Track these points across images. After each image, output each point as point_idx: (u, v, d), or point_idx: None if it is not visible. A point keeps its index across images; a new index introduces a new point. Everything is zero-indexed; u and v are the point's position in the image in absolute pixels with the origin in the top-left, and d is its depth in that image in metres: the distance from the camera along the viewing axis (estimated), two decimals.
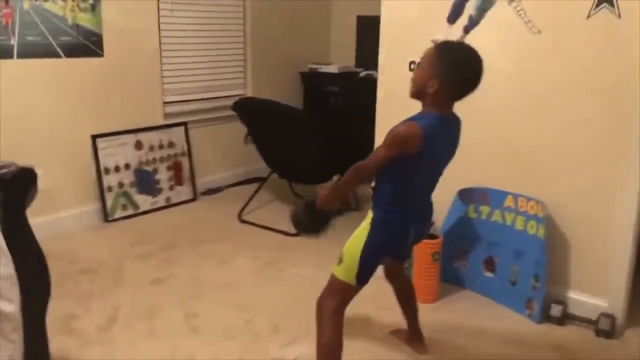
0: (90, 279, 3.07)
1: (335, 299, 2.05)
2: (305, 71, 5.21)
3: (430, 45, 2.93)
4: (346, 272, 2.02)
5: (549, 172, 2.76)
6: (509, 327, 2.70)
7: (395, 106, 3.23)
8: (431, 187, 2.14)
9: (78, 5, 3.57)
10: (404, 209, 2.02)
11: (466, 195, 2.99)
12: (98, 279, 3.07)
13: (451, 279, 3.06)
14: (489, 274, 2.96)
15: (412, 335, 2.50)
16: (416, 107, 2.00)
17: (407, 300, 2.48)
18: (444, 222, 3.04)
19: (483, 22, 2.83)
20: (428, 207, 2.18)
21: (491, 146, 2.93)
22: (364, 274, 2.02)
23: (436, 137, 1.90)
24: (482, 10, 2.81)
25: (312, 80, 5.21)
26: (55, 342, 2.39)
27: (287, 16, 5.07)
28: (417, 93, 1.97)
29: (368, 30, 3.35)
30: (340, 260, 2.04)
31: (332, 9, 5.53)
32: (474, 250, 3.01)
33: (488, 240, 2.95)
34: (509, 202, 2.85)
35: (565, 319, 2.71)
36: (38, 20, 3.39)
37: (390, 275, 2.44)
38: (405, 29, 3.12)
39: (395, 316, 2.56)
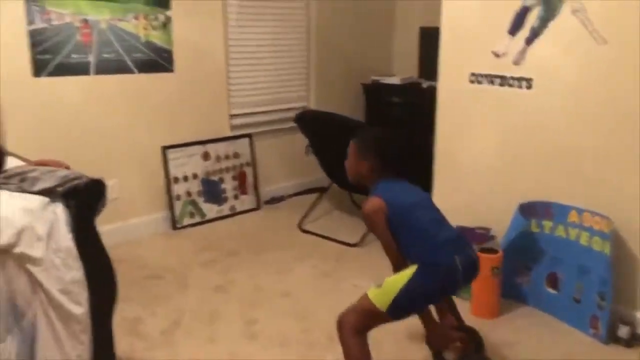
0: (156, 284, 3.21)
1: (358, 317, 2.02)
2: (367, 83, 5.23)
3: (490, 56, 2.95)
4: (381, 297, 1.99)
5: (615, 186, 2.65)
6: (572, 346, 2.61)
7: (454, 117, 3.23)
8: (437, 220, 2.14)
9: (150, 24, 3.77)
10: (433, 247, 2.03)
11: (528, 209, 2.92)
12: (164, 284, 3.22)
13: (512, 294, 2.99)
14: (552, 291, 2.87)
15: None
16: (471, 119, 2.00)
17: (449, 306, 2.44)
18: (505, 236, 2.98)
19: (545, 32, 2.77)
20: (457, 235, 2.16)
21: (553, 158, 2.86)
22: (397, 309, 1.99)
23: (393, 191, 2.14)
24: (544, 20, 2.76)
25: (374, 92, 5.23)
26: (123, 344, 2.54)
27: (350, 28, 5.13)
28: (357, 178, 2.28)
29: (431, 41, 3.35)
30: (379, 286, 2.02)
31: (395, 20, 5.53)
32: (536, 266, 2.93)
33: (551, 256, 2.87)
34: (573, 217, 2.76)
35: (633, 340, 2.59)
36: (113, 39, 3.61)
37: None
38: (465, 41, 3.10)
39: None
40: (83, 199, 1.96)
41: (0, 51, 3.14)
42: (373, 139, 2.28)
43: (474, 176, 3.21)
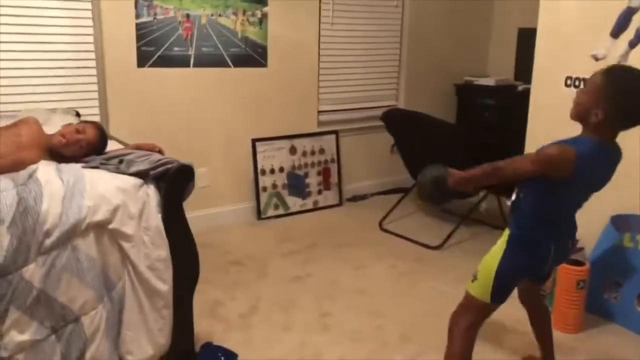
0: (238, 270, 3.34)
1: (469, 316, 2.01)
2: (460, 83, 5.14)
3: (589, 60, 2.81)
4: (480, 289, 1.98)
5: None
6: None
7: (546, 123, 3.11)
8: (576, 208, 2.05)
9: (247, 20, 3.91)
10: (545, 228, 1.95)
11: (621, 222, 2.76)
12: (245, 270, 3.34)
13: (599, 310, 2.84)
14: None
15: None
16: (570, 127, 1.92)
17: (542, 327, 2.36)
18: (594, 249, 2.84)
19: None
20: (571, 226, 2.07)
21: None
22: (499, 293, 1.97)
23: (590, 166, 1.82)
24: None
25: (467, 93, 5.12)
26: (203, 324, 2.67)
27: (445, 27, 5.05)
28: (580, 117, 1.88)
29: (529, 43, 3.24)
30: (475, 277, 2.01)
31: (493, 20, 5.39)
32: (627, 283, 2.77)
33: None
34: None
35: None
36: (212, 34, 3.78)
37: (525, 298, 2.34)
38: (563, 43, 2.98)
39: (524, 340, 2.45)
40: (173, 183, 2.09)
41: (108, 42, 3.39)
42: (633, 86, 1.79)
43: None
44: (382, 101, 4.82)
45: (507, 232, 2.01)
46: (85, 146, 2.27)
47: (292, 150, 4.37)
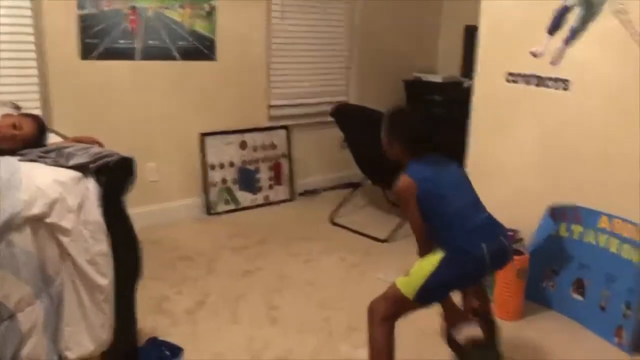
0: (187, 265, 3.31)
1: (388, 306, 2.03)
2: (409, 79, 5.22)
3: (528, 56, 2.91)
4: (408, 286, 2.00)
5: None
6: (593, 353, 2.56)
7: (489, 116, 3.20)
8: (470, 204, 2.10)
9: (195, 13, 3.87)
10: (461, 233, 2.00)
11: (557, 213, 2.87)
12: (194, 266, 3.31)
13: (538, 298, 2.95)
14: (577, 297, 2.82)
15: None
16: (510, 121, 1.98)
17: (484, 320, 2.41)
18: (532, 238, 2.94)
19: (585, 33, 2.71)
20: (488, 222, 2.10)
21: (586, 162, 2.81)
22: (424, 296, 1.99)
23: (425, 172, 2.06)
24: (584, 21, 2.70)
25: (415, 89, 5.20)
26: (148, 320, 2.65)
27: (395, 24, 5.12)
28: (394, 158, 2.18)
29: (474, 40, 3.33)
30: (407, 274, 2.03)
31: (441, 17, 5.49)
32: (563, 271, 2.88)
33: (579, 262, 2.81)
34: (603, 223, 2.70)
35: None
36: (159, 26, 3.72)
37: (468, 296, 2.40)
38: (503, 39, 3.07)
39: None
40: (113, 176, 2.06)
41: (50, 34, 3.30)
42: (399, 119, 2.20)
43: (504, 176, 3.17)
44: (333, 96, 4.84)
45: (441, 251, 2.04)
46: (21, 141, 2.21)
47: (243, 145, 4.35)
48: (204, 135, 4.13)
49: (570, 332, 2.73)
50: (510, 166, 3.14)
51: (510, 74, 3.05)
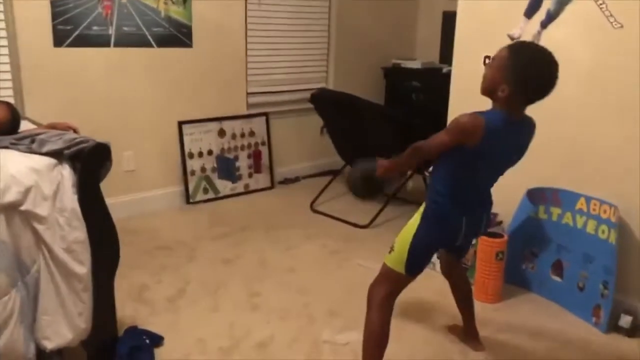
0: (166, 254, 3.28)
1: (385, 287, 2.06)
2: (388, 66, 5.21)
3: (505, 40, 2.91)
4: (396, 260, 2.03)
5: (625, 174, 2.61)
6: (572, 333, 2.60)
7: (468, 101, 3.19)
8: (490, 183, 2.11)
9: None
10: (456, 201, 1.99)
11: (536, 195, 2.89)
12: (173, 255, 3.28)
13: (517, 280, 2.98)
14: (556, 278, 2.85)
15: (468, 332, 2.48)
16: (483, 102, 1.97)
17: (463, 298, 2.45)
18: (512, 221, 2.97)
19: (561, 16, 2.72)
20: (485, 200, 2.13)
21: (563, 144, 2.83)
22: (413, 265, 2.02)
23: (499, 136, 1.88)
24: (561, 4, 2.71)
25: (394, 76, 5.21)
26: (128, 309, 2.62)
27: (373, 11, 5.10)
28: (487, 92, 1.94)
29: (453, 26, 3.33)
30: (392, 249, 2.05)
31: (419, 3, 5.49)
32: (542, 253, 2.91)
33: (557, 244, 2.85)
34: (581, 204, 2.73)
35: (634, 330, 2.56)
36: (134, 12, 3.66)
37: (446, 271, 2.43)
38: (481, 24, 3.08)
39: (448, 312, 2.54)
40: (89, 162, 2.02)
41: (21, 21, 3.22)
42: (536, 60, 1.86)
43: None
44: (312, 83, 4.82)
45: (423, 205, 2.07)
46: None
47: (221, 133, 4.31)
48: (182, 123, 4.08)
49: (549, 313, 2.77)
50: None
51: (488, 57, 3.05)
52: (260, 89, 4.54)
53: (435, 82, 4.85)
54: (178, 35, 3.90)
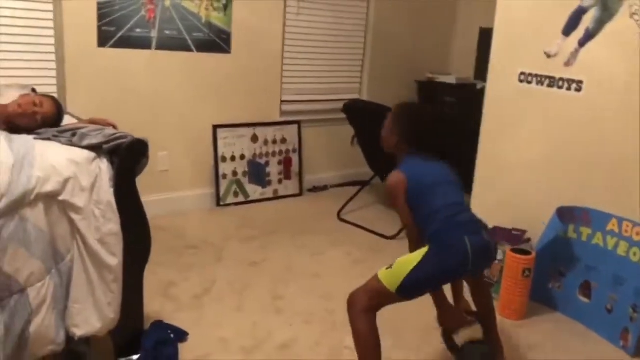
0: (194, 253, 3.34)
1: (370, 298, 2.03)
2: (422, 80, 5.22)
3: (542, 57, 2.91)
4: (391, 278, 2.00)
5: None
6: (598, 354, 2.56)
7: (500, 115, 3.20)
8: (456, 202, 2.13)
9: (212, 5, 3.90)
10: (445, 227, 2.03)
11: (566, 214, 2.86)
12: (201, 254, 3.34)
13: (543, 299, 2.94)
14: (584, 299, 2.81)
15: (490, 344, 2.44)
16: (521, 121, 1.98)
17: (485, 313, 2.42)
18: (540, 239, 2.94)
19: (600, 34, 2.71)
20: (472, 219, 2.13)
21: (597, 164, 2.80)
22: (406, 289, 1.99)
23: (417, 167, 2.16)
24: (600, 22, 2.70)
25: (428, 90, 5.21)
26: (155, 304, 2.67)
27: (410, 24, 5.13)
28: (389, 150, 2.28)
29: (489, 42, 3.33)
30: (390, 266, 2.04)
31: (456, 18, 5.50)
32: (570, 273, 2.88)
33: (586, 264, 2.81)
34: (612, 225, 2.69)
35: None
36: (176, 17, 3.76)
37: (472, 291, 2.41)
38: (517, 40, 3.08)
39: None
40: (126, 157, 2.08)
41: (69, 21, 3.34)
42: (407, 112, 2.29)
43: (514, 176, 3.17)
44: (345, 94, 4.86)
45: (425, 248, 2.05)
46: (41, 119, 2.25)
47: (254, 139, 4.38)
48: (217, 127, 4.16)
49: (575, 333, 2.73)
50: (521, 166, 3.14)
51: (523, 74, 3.05)
52: (294, 97, 4.60)
53: (469, 98, 4.84)
54: (217, 41, 3.99)
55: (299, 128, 4.63)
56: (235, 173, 4.29)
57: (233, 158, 4.28)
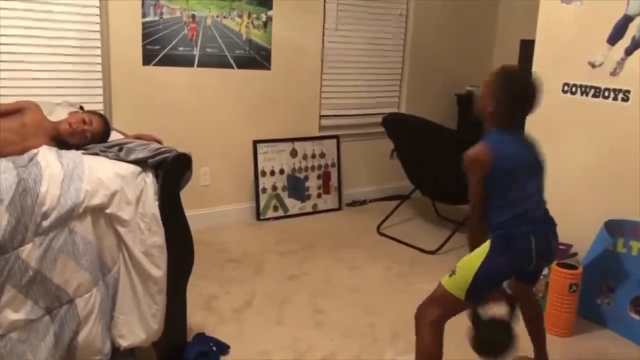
0: (234, 267, 3.37)
1: (439, 309, 2.01)
2: (461, 93, 5.18)
3: (585, 66, 2.86)
4: (457, 285, 1.98)
5: None
6: None
7: (544, 127, 3.13)
8: (533, 195, 2.07)
9: (252, 23, 3.98)
10: (515, 221, 1.98)
11: (615, 228, 2.78)
12: (241, 268, 3.37)
13: (591, 315, 2.85)
14: (635, 316, 2.71)
15: None
16: (565, 133, 1.95)
17: (535, 327, 2.37)
18: (588, 253, 2.86)
19: None
20: (544, 216, 2.09)
21: None
22: (475, 292, 1.97)
23: (506, 147, 2.00)
24: None
25: (468, 103, 5.15)
26: (197, 316, 2.70)
27: (449, 37, 5.11)
28: (480, 114, 2.11)
29: (530, 54, 3.29)
30: (453, 272, 2.01)
31: (496, 31, 5.45)
32: (620, 288, 2.78)
33: (637, 279, 2.71)
34: None
35: None
36: (217, 35, 3.84)
37: (518, 296, 2.36)
38: (560, 50, 3.03)
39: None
40: (171, 171, 2.13)
41: (116, 40, 3.45)
42: (519, 82, 2.06)
43: (559, 189, 3.08)
44: (384, 108, 4.85)
45: (487, 243, 2.02)
46: (90, 137, 2.31)
47: (293, 153, 4.41)
48: (257, 142, 4.21)
49: (626, 352, 2.63)
50: (565, 179, 3.06)
51: (567, 85, 2.99)
52: (332, 112, 4.62)
53: None
54: (257, 58, 4.06)
55: (338, 142, 4.64)
56: (274, 187, 4.32)
57: (272, 172, 4.31)
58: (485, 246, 2.00)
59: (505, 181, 1.98)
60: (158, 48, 3.62)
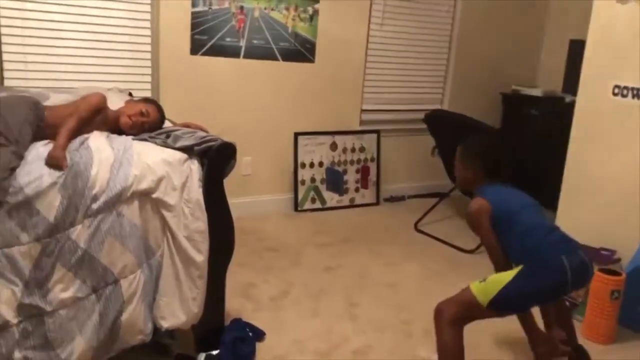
0: (273, 256, 3.42)
1: (458, 308, 2.01)
2: (507, 92, 5.10)
3: (638, 69, 2.78)
4: (483, 291, 1.98)
5: None
6: None
7: (591, 130, 3.08)
8: (546, 223, 2.14)
9: (299, 16, 4.00)
10: (539, 246, 2.03)
11: None
12: (280, 257, 3.41)
13: (634, 324, 2.79)
14: None
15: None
16: (611, 134, 1.92)
17: (563, 324, 2.34)
18: (632, 260, 2.79)
19: None
20: (564, 237, 2.10)
21: None
22: (499, 305, 1.97)
23: (500, 193, 2.18)
24: None
25: (513, 102, 5.07)
26: (235, 302, 2.76)
27: (496, 35, 5.03)
28: (465, 185, 2.39)
29: (580, 54, 3.21)
30: (484, 279, 2.03)
31: (545, 30, 5.33)
32: None
33: None
34: None
35: None
36: (264, 27, 3.88)
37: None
38: (612, 52, 2.95)
39: None
40: (215, 159, 2.18)
41: (165, 29, 3.53)
42: (478, 145, 2.32)
43: (605, 194, 3.03)
44: (426, 104, 4.83)
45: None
46: (148, 128, 2.34)
47: (333, 146, 4.43)
48: (298, 134, 4.24)
49: None
50: (611, 183, 3.00)
51: (618, 87, 2.92)
52: (374, 106, 4.62)
53: (556, 112, 4.68)
54: (302, 51, 4.08)
55: (378, 137, 4.64)
56: (313, 180, 4.35)
57: (312, 165, 4.35)
58: (518, 268, 2.02)
59: (512, 216, 2.11)
60: (206, 38, 3.68)
